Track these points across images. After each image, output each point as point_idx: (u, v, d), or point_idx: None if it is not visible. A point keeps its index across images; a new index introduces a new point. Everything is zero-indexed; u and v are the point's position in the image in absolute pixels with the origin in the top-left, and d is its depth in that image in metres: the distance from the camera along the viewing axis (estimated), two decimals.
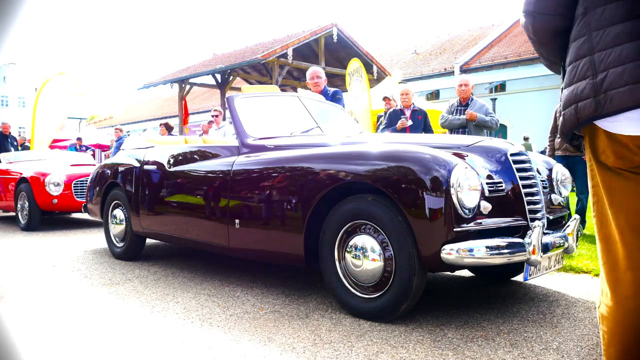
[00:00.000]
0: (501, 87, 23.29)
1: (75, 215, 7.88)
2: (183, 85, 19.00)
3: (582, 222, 5.39)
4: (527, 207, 2.52)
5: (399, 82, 12.05)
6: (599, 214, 1.36)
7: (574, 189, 5.30)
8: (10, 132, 10.74)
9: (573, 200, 5.45)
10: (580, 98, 1.27)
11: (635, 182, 1.25)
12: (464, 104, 5.24)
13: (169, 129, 9.89)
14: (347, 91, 11.23)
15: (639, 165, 1.23)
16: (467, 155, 2.57)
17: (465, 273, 3.61)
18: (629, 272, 1.26)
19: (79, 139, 13.53)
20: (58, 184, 6.31)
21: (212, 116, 8.47)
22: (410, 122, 5.96)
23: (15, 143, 10.85)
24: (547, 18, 1.38)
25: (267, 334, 2.37)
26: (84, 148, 12.64)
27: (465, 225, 2.30)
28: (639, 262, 1.25)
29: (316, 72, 4.92)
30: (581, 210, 5.32)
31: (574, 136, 1.39)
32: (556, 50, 1.42)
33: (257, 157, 3.18)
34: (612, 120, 1.22)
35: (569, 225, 2.79)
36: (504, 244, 2.31)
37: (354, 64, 10.84)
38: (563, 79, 1.39)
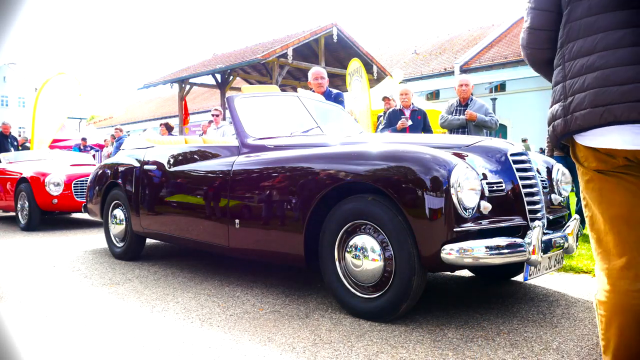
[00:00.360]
0: (501, 87, 23.29)
1: (75, 215, 7.88)
2: (183, 85, 19.00)
3: (582, 221, 5.40)
4: (527, 207, 2.52)
5: (400, 82, 12.04)
6: (590, 211, 1.56)
7: (574, 189, 5.30)
8: (10, 132, 10.72)
9: (573, 200, 5.45)
10: (555, 117, 1.53)
11: (618, 179, 1.46)
12: (464, 104, 5.24)
13: (169, 129, 9.89)
14: (347, 91, 11.22)
15: (620, 166, 1.44)
16: (467, 155, 2.57)
17: (465, 273, 3.61)
18: (620, 258, 1.47)
19: (83, 139, 13.38)
20: (58, 184, 6.31)
21: (213, 115, 8.48)
22: (410, 122, 5.96)
23: (15, 143, 10.84)
24: (537, 51, 1.67)
25: (267, 334, 2.37)
26: (88, 148, 12.53)
27: (465, 225, 2.30)
28: (629, 248, 1.46)
29: (320, 72, 4.90)
30: (581, 210, 5.31)
31: (563, 145, 1.60)
32: (550, 74, 1.66)
33: (257, 157, 3.18)
34: (582, 135, 1.47)
35: (569, 225, 2.79)
36: (504, 244, 2.31)
37: (354, 64, 10.84)
38: None
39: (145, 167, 4.03)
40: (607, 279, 1.54)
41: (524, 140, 15.74)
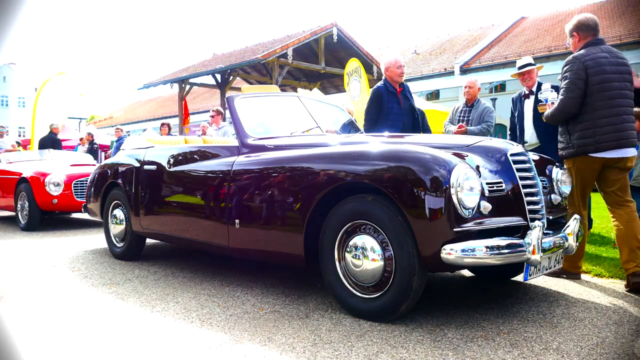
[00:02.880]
0: (501, 87, 23.30)
1: (75, 215, 7.88)
2: (183, 85, 19.00)
3: (589, 221, 5.38)
4: (527, 207, 2.52)
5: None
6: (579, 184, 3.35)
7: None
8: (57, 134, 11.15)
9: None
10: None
11: (592, 168, 3.29)
12: (469, 105, 5.26)
13: (170, 129, 9.90)
14: (344, 91, 11.22)
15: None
16: (467, 155, 2.56)
17: (465, 273, 3.61)
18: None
19: (89, 133, 13.09)
20: (58, 184, 6.31)
21: (211, 116, 8.47)
22: None
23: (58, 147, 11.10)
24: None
25: (267, 334, 2.37)
26: (95, 146, 12.26)
27: (465, 225, 2.30)
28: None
29: (401, 61, 4.58)
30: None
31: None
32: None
33: (257, 157, 3.18)
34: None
35: (569, 225, 2.79)
36: (504, 244, 2.31)
37: (353, 63, 10.81)
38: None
39: (145, 167, 4.03)
40: (612, 214, 3.36)
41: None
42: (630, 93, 3.31)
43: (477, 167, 2.49)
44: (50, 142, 10.40)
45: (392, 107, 4.38)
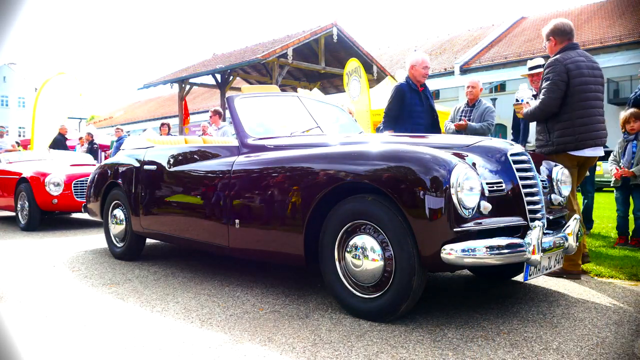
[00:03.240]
0: (501, 87, 23.30)
1: (75, 215, 7.88)
2: (183, 85, 19.00)
3: (590, 221, 5.40)
4: (527, 207, 2.52)
5: None
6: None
7: (579, 188, 5.31)
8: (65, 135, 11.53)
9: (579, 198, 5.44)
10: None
11: (571, 165, 3.40)
12: (471, 105, 5.27)
13: (169, 129, 9.91)
14: (344, 91, 11.21)
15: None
16: (467, 155, 2.56)
17: (465, 273, 3.61)
18: None
19: (89, 133, 13.10)
20: (58, 184, 6.30)
21: (210, 116, 8.47)
22: None
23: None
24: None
25: (267, 334, 2.37)
26: (95, 146, 12.28)
27: (465, 225, 2.30)
28: None
29: (428, 61, 4.57)
30: (586, 208, 5.32)
31: None
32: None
33: (257, 157, 3.18)
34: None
35: (569, 225, 2.79)
36: (504, 244, 2.31)
37: (352, 63, 10.81)
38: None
39: (145, 167, 4.03)
40: None
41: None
42: (602, 95, 3.58)
43: (477, 167, 2.49)
44: (62, 143, 10.89)
45: (414, 105, 4.35)
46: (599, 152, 3.53)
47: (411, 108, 4.34)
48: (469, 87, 5.29)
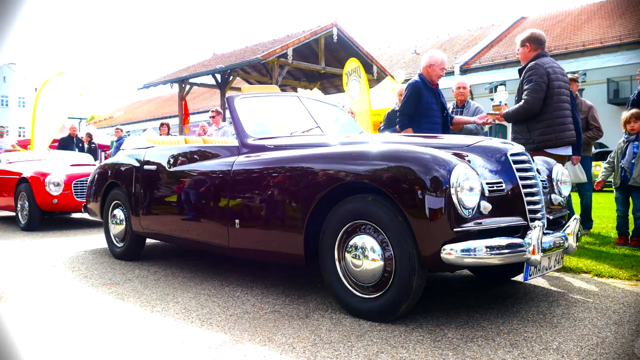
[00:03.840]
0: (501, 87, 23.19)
1: (75, 215, 7.88)
2: (183, 85, 19.01)
3: (589, 220, 5.40)
4: (527, 207, 2.52)
5: (402, 82, 12.02)
6: None
7: (576, 188, 5.31)
8: (77, 134, 11.59)
9: (576, 200, 5.45)
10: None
11: None
12: (460, 105, 5.27)
13: (169, 129, 9.92)
14: (344, 91, 11.21)
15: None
16: (467, 155, 2.57)
17: (465, 273, 3.61)
18: None
19: (88, 134, 13.17)
20: (58, 184, 6.31)
21: (210, 117, 8.47)
22: None
23: (81, 145, 11.40)
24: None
25: (267, 334, 2.37)
26: (93, 145, 12.31)
27: (465, 225, 2.30)
28: None
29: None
30: (586, 207, 5.32)
31: None
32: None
33: (257, 157, 3.18)
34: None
35: (568, 225, 2.79)
36: (504, 244, 2.31)
37: (352, 63, 10.80)
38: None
39: (145, 167, 4.03)
40: None
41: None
42: (570, 99, 3.95)
43: (477, 167, 2.49)
44: (71, 143, 11.10)
45: (431, 104, 4.27)
46: (569, 151, 3.92)
47: (428, 106, 4.24)
48: (460, 88, 5.28)
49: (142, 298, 3.04)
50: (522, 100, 3.78)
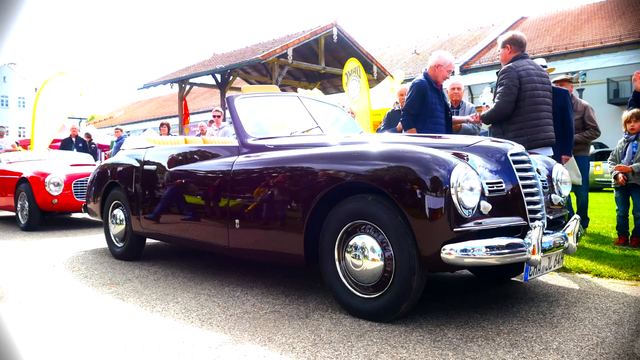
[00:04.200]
0: None
1: (75, 215, 7.88)
2: (183, 85, 19.00)
3: (585, 219, 5.40)
4: (527, 207, 2.52)
5: (401, 83, 12.02)
6: None
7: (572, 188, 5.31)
8: (77, 135, 11.60)
9: (573, 198, 5.45)
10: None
11: None
12: (456, 106, 5.27)
13: (169, 129, 9.92)
14: (344, 91, 11.20)
15: None
16: (467, 155, 2.56)
17: (465, 273, 3.61)
18: None
19: (87, 134, 13.18)
20: (58, 184, 6.31)
21: (213, 116, 8.48)
22: None
23: (81, 144, 11.37)
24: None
25: (267, 334, 2.37)
26: (93, 145, 12.30)
27: (465, 225, 2.30)
28: None
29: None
30: (582, 206, 5.33)
31: None
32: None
33: (257, 157, 3.18)
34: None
35: (569, 225, 2.78)
36: (504, 244, 2.31)
37: (352, 63, 10.79)
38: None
39: (145, 167, 4.03)
40: None
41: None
42: (550, 100, 3.98)
43: (477, 167, 2.49)
44: (71, 144, 11.18)
45: (435, 104, 4.26)
46: (549, 152, 3.91)
47: (433, 107, 4.23)
48: (454, 89, 5.29)
49: (142, 298, 3.04)
50: (494, 103, 3.93)
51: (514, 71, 3.82)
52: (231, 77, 19.09)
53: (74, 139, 11.42)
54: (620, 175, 4.60)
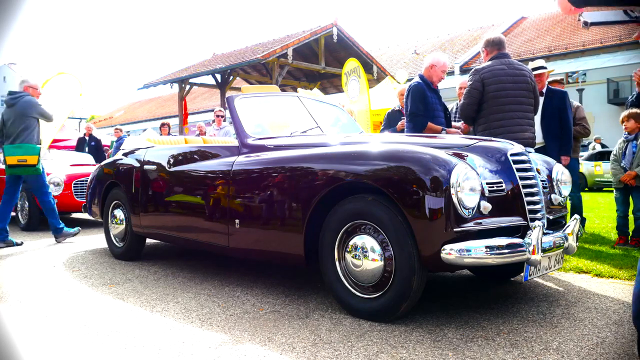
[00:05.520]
0: None
1: (75, 215, 7.88)
2: (183, 85, 19.00)
3: (582, 220, 5.39)
4: (527, 207, 2.52)
5: (404, 82, 12.01)
6: None
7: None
8: (92, 133, 11.54)
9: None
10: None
11: None
12: None
13: (169, 129, 9.92)
14: (344, 91, 11.20)
15: None
16: (467, 155, 2.56)
17: (466, 273, 3.61)
18: None
19: (88, 126, 13.08)
20: (58, 184, 6.30)
21: (216, 116, 8.47)
22: None
23: (93, 144, 11.26)
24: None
25: (267, 334, 2.37)
26: (93, 143, 12.24)
27: (465, 225, 2.30)
28: None
29: (447, 67, 4.59)
30: (573, 207, 5.33)
31: None
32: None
33: (257, 157, 3.18)
34: None
35: (569, 225, 2.78)
36: (504, 244, 2.31)
37: (351, 63, 10.78)
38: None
39: (145, 167, 4.03)
40: None
41: (596, 140, 15.65)
42: (527, 99, 3.86)
43: (477, 167, 2.49)
44: (85, 144, 11.20)
45: (435, 104, 4.27)
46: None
47: (433, 107, 4.24)
48: (462, 88, 5.29)
49: (142, 298, 3.04)
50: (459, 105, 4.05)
51: (478, 74, 3.88)
52: (231, 77, 19.09)
53: (87, 138, 11.44)
54: (630, 181, 4.59)
